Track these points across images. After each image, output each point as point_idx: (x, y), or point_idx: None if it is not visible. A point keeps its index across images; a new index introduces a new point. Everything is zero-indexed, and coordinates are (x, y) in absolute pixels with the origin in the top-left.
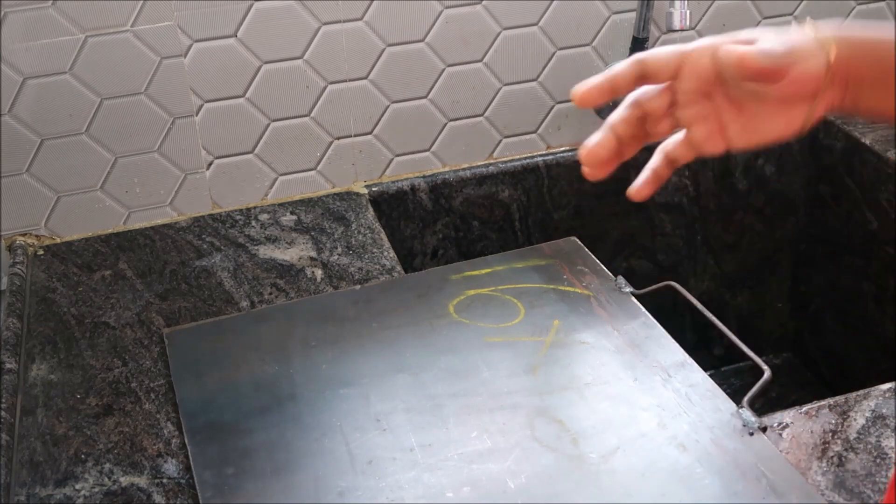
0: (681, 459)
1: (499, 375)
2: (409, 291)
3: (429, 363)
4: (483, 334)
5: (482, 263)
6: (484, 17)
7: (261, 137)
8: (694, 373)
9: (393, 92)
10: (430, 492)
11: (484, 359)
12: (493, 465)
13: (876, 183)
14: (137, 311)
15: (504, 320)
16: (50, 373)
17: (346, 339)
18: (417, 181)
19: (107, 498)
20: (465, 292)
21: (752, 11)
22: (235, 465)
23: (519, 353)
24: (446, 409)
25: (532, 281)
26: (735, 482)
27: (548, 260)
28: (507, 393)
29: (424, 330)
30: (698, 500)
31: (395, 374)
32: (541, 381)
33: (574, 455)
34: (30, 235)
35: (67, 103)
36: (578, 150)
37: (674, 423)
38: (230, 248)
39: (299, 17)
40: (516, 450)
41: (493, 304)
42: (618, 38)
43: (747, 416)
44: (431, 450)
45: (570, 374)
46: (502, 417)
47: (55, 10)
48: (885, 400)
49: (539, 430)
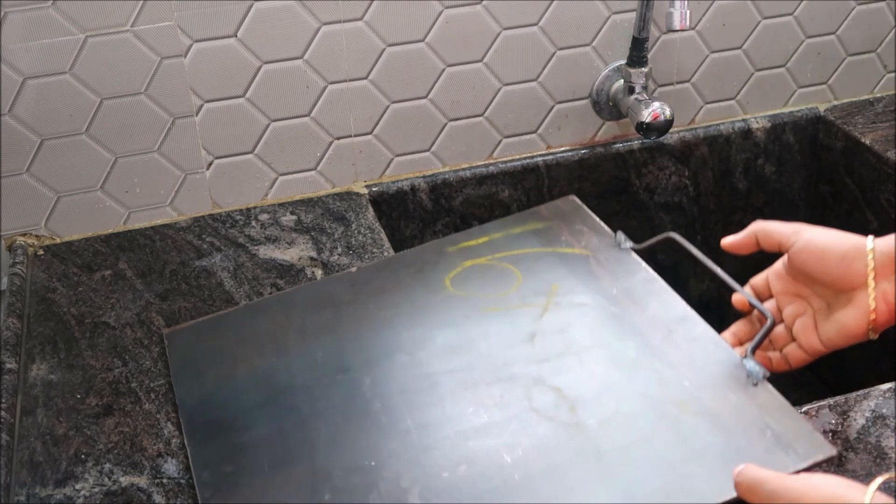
0: (682, 419)
1: (496, 347)
2: (405, 268)
3: (425, 341)
4: (480, 306)
5: (478, 232)
6: (484, 17)
7: (261, 137)
8: (696, 326)
9: (393, 92)
10: (425, 473)
11: (481, 331)
12: (490, 440)
13: (876, 183)
14: (137, 311)
15: (501, 289)
16: (50, 373)
17: (343, 325)
18: (417, 181)
19: (107, 498)
20: (461, 264)
21: (753, 11)
22: (234, 462)
23: (516, 321)
24: (442, 387)
25: (530, 246)
26: (738, 437)
27: (546, 222)
28: (504, 364)
29: (420, 307)
30: (699, 460)
31: (392, 356)
32: (538, 348)
33: (572, 423)
34: (30, 235)
35: (67, 103)
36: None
37: (675, 380)
38: (230, 248)
39: (299, 17)
40: (513, 422)
41: (490, 274)
42: (618, 38)
43: (751, 366)
44: (428, 430)
45: (568, 338)
46: (499, 390)
47: (55, 10)
48: (885, 400)
49: (536, 400)
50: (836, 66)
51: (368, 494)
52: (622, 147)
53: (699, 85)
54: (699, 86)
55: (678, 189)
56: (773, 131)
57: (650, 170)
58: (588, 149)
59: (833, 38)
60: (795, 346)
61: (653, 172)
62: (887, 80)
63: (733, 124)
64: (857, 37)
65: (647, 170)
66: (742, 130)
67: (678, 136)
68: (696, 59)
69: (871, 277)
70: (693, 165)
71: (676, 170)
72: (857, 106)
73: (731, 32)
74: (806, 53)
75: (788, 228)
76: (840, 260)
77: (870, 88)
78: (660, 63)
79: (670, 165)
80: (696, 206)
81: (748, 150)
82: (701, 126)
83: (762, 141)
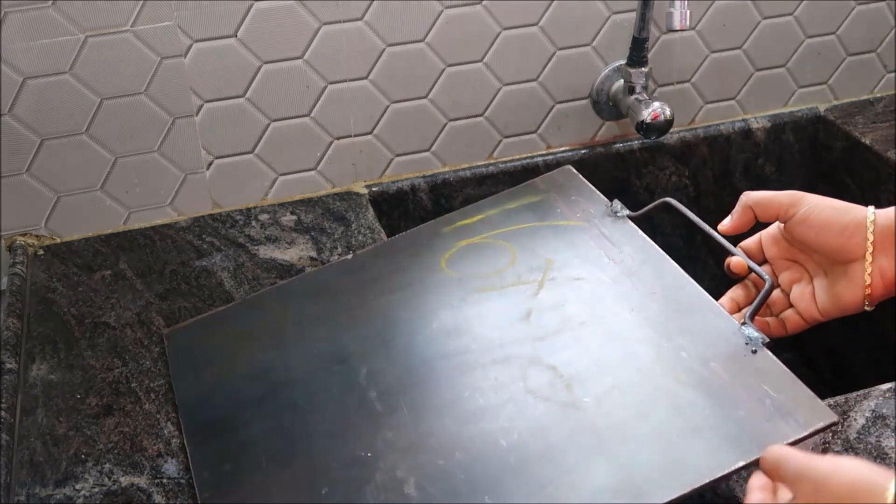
0: (679, 392)
1: (491, 328)
2: (401, 252)
3: (421, 326)
4: (475, 286)
5: (474, 210)
6: (484, 17)
7: (261, 137)
8: (693, 293)
9: (393, 92)
10: (421, 461)
11: (476, 312)
12: (486, 424)
13: (876, 183)
14: (137, 311)
15: (496, 267)
16: (50, 373)
17: (339, 314)
18: (417, 181)
19: (107, 498)
20: (456, 244)
21: (753, 11)
22: (233, 461)
23: (511, 300)
24: (438, 372)
25: (525, 221)
26: (737, 408)
27: (542, 195)
28: (499, 345)
29: (416, 291)
30: (698, 434)
31: (388, 343)
32: (534, 327)
33: (568, 402)
34: (30, 235)
35: (67, 103)
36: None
37: (672, 352)
38: (230, 248)
39: (299, 17)
40: (509, 405)
41: (485, 253)
42: (618, 38)
43: (750, 332)
44: (424, 417)
45: (563, 315)
46: (494, 372)
47: (55, 10)
48: (885, 400)
49: (532, 380)
50: (836, 66)
51: (365, 487)
52: (622, 147)
53: (699, 85)
54: (699, 86)
55: (678, 189)
56: (773, 131)
57: (650, 170)
58: (588, 149)
59: (833, 38)
60: (793, 311)
61: (653, 172)
62: (887, 80)
63: (733, 124)
64: (857, 37)
65: (647, 170)
66: (742, 130)
67: (678, 136)
68: (696, 59)
69: (868, 252)
70: (693, 165)
71: (676, 170)
72: (857, 106)
73: (731, 32)
74: (806, 53)
75: (785, 198)
76: (839, 233)
77: (870, 88)
78: (660, 63)
79: (670, 165)
80: (696, 207)
81: (748, 150)
82: (701, 126)
83: (762, 141)
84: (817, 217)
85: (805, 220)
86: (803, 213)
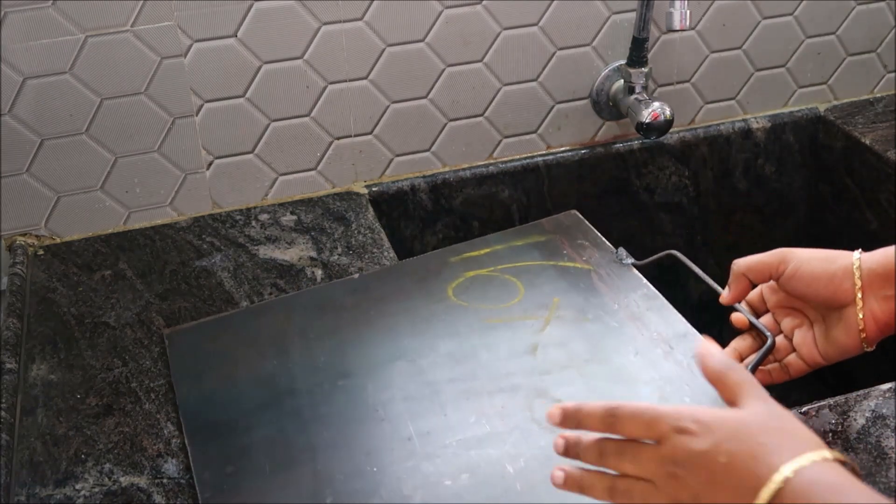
0: None
1: (498, 357)
2: (407, 277)
3: (427, 349)
4: (482, 316)
5: (481, 244)
6: (484, 17)
7: (261, 137)
8: (696, 342)
9: (393, 92)
10: (427, 481)
11: (483, 341)
12: (492, 449)
13: (876, 183)
14: (137, 311)
15: (503, 301)
16: (50, 373)
17: (345, 329)
18: (417, 181)
19: (107, 498)
20: (463, 274)
21: (753, 11)
22: (234, 463)
23: (518, 333)
24: (444, 395)
25: (532, 258)
26: None
27: (548, 235)
28: (505, 375)
29: (423, 315)
30: None
31: (394, 362)
32: (540, 361)
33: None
34: (30, 235)
35: (67, 103)
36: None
37: (675, 396)
38: (230, 248)
39: (299, 17)
40: (515, 433)
41: (492, 285)
42: (618, 38)
43: None
44: (429, 438)
45: (569, 352)
46: (501, 400)
47: (55, 10)
48: (885, 400)
49: (538, 411)
50: (836, 66)
51: (370, 499)
52: (622, 147)
53: (699, 85)
54: (699, 86)
55: (678, 189)
56: (773, 131)
57: (650, 170)
58: (588, 149)
59: (833, 38)
60: (796, 356)
61: (653, 172)
62: (887, 80)
63: (733, 124)
64: (857, 37)
65: (647, 170)
66: (742, 130)
67: (678, 136)
68: (696, 59)
69: (858, 297)
70: (693, 165)
71: (676, 170)
72: (857, 106)
73: (731, 32)
74: (806, 53)
75: (772, 258)
76: (828, 283)
77: (870, 88)
78: (660, 63)
79: (670, 165)
80: (696, 206)
81: (748, 150)
82: (701, 126)
83: (762, 141)
84: (805, 270)
85: (794, 275)
86: (791, 269)
